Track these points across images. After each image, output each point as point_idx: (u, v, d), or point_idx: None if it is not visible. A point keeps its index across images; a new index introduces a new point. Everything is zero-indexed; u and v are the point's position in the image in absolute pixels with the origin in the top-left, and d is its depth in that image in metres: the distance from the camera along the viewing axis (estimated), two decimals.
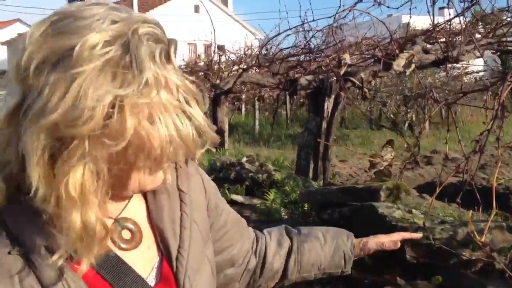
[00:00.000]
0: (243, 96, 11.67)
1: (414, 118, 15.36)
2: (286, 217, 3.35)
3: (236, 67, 7.70)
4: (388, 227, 2.37)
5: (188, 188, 1.02)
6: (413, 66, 3.41)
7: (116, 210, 0.91)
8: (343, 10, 4.38)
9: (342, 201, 2.74)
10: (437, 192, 2.32)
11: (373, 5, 4.27)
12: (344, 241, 1.29)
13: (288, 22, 5.00)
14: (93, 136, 0.70)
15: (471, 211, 2.14)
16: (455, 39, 4.25)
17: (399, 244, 1.29)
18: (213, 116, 5.38)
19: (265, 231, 1.24)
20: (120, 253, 0.91)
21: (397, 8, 4.29)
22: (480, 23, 4.66)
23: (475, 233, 2.09)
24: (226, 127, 6.27)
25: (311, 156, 4.44)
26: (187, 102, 0.78)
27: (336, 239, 1.28)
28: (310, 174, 4.42)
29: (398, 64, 3.38)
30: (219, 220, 1.10)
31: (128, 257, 0.92)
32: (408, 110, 15.02)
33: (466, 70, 13.65)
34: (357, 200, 2.67)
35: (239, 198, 3.69)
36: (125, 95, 0.68)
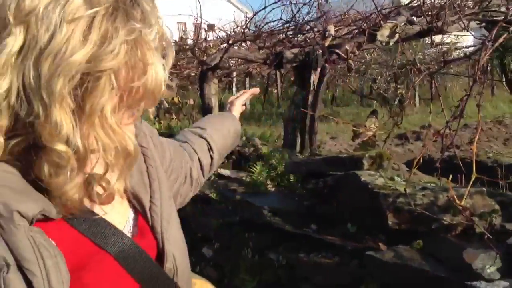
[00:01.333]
0: (234, 75, 11.61)
1: (404, 94, 15.44)
2: (273, 189, 3.37)
3: (224, 44, 7.66)
4: (371, 194, 2.40)
5: (148, 144, 1.08)
6: (397, 36, 3.40)
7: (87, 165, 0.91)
8: None
9: (326, 171, 2.76)
10: (417, 161, 2.35)
11: None
12: (232, 118, 1.59)
13: None
14: (117, 71, 0.74)
15: (451, 176, 2.16)
16: (441, 12, 4.25)
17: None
18: (200, 93, 5.35)
19: (183, 139, 1.42)
20: (94, 209, 0.93)
21: None
22: None
23: (455, 197, 2.12)
24: (216, 104, 6.26)
25: (298, 129, 4.45)
26: (165, 54, 0.82)
27: (224, 118, 1.58)
28: (298, 148, 4.43)
29: (382, 34, 3.38)
30: (166, 160, 1.19)
31: (102, 212, 0.93)
32: (398, 86, 15.10)
33: (456, 46, 13.71)
34: (341, 169, 2.69)
35: (226, 172, 3.70)
36: (144, 33, 0.73)
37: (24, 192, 0.81)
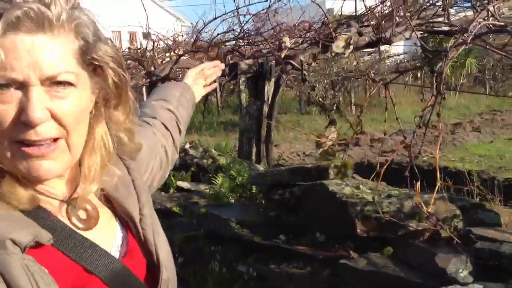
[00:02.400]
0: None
1: (341, 101, 15.90)
2: (233, 201, 3.37)
3: (169, 54, 7.61)
4: (339, 203, 2.45)
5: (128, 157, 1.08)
6: (351, 47, 3.50)
7: (67, 191, 0.93)
8: None
9: (292, 181, 2.80)
10: (382, 171, 2.42)
11: None
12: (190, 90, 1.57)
13: (215, 10, 5.01)
14: None
15: (418, 184, 2.24)
16: (383, 22, 4.41)
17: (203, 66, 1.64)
18: None
19: (152, 114, 1.41)
20: (82, 233, 0.91)
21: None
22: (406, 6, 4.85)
23: (422, 204, 2.21)
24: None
25: (253, 140, 4.48)
26: None
27: (183, 89, 1.55)
28: (253, 158, 4.46)
29: (338, 45, 3.47)
30: (143, 162, 1.20)
31: (89, 235, 0.93)
32: (336, 94, 15.52)
33: (388, 54, 14.26)
34: (306, 179, 2.73)
35: (185, 184, 3.68)
36: None
37: (15, 219, 0.80)
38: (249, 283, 2.66)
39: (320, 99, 15.14)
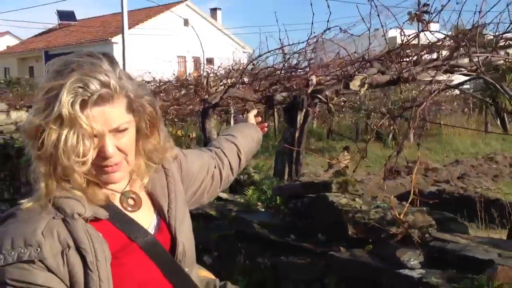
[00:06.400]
0: (232, 109, 12.41)
1: (397, 130, 16.04)
2: (263, 209, 4.07)
3: (224, 81, 8.42)
4: (336, 211, 3.12)
5: (170, 166, 1.51)
6: (366, 86, 4.16)
7: (122, 186, 1.37)
8: (314, 37, 5.22)
9: (303, 193, 3.48)
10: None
11: (340, 32, 5.09)
12: (254, 128, 2.03)
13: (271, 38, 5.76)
14: None
15: (392, 197, 2.88)
16: (407, 60, 5.02)
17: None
18: (202, 127, 6.10)
19: (217, 145, 1.84)
20: (129, 214, 1.34)
21: (359, 36, 5.11)
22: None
23: (397, 214, 2.85)
24: (216, 135, 6.96)
25: (286, 161, 5.18)
26: None
27: (249, 128, 2.01)
28: (286, 176, 5.16)
29: (354, 84, 4.14)
30: (191, 170, 1.64)
31: (134, 216, 1.35)
32: (391, 122, 15.69)
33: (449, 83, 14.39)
34: (315, 192, 3.40)
35: (224, 195, 4.42)
36: None
37: (83, 203, 1.24)
38: (264, 272, 3.36)
39: (375, 127, 15.48)
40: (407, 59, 5.03)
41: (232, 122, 19.53)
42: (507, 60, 4.82)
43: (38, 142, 1.18)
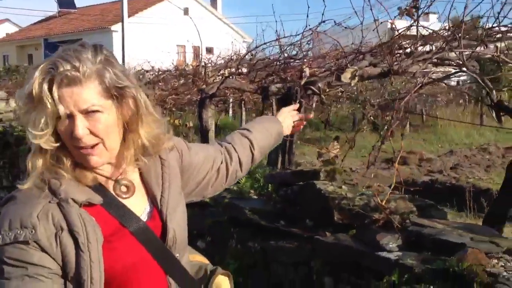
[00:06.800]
0: (231, 99, 12.55)
1: (392, 121, 16.08)
2: (255, 196, 4.24)
3: (221, 72, 8.56)
4: (322, 198, 3.29)
5: (167, 157, 1.54)
6: (356, 78, 4.31)
7: (115, 172, 1.43)
8: (310, 29, 5.38)
9: (293, 181, 3.65)
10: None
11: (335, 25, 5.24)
12: (276, 122, 1.96)
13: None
14: None
15: (376, 184, 3.05)
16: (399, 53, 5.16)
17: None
18: (199, 117, 6.26)
19: (229, 140, 1.82)
20: (122, 201, 1.40)
21: (353, 28, 5.26)
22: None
23: (379, 200, 3.02)
24: (213, 127, 7.12)
25: (280, 150, 5.34)
26: None
27: (272, 123, 1.95)
28: (279, 165, 5.32)
29: (345, 76, 4.29)
30: (197, 166, 1.66)
31: (127, 202, 1.40)
32: (387, 113, 15.78)
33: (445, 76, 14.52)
34: (304, 180, 3.57)
35: None
36: None
37: (79, 188, 1.33)
38: (254, 255, 3.53)
39: (372, 118, 15.60)
40: (399, 52, 5.19)
41: (230, 112, 19.66)
42: (495, 54, 4.96)
43: None
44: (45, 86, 1.24)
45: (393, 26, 4.73)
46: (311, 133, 17.04)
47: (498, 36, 4.96)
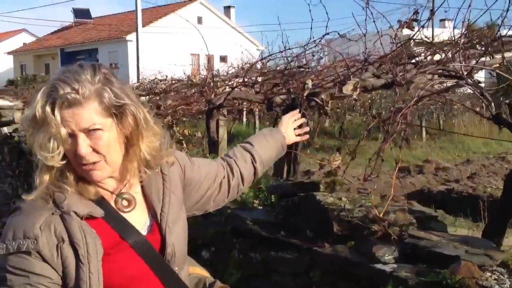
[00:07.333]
0: (244, 108, 12.63)
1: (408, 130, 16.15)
2: (260, 207, 4.29)
3: (231, 82, 8.65)
4: (322, 209, 3.32)
5: (168, 172, 1.59)
6: (358, 90, 4.35)
7: (118, 186, 1.49)
8: (313, 41, 5.43)
9: (294, 192, 3.69)
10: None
11: (338, 37, 5.29)
12: (278, 134, 1.98)
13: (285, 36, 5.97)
14: None
15: (372, 195, 3.08)
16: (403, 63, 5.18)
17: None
18: (207, 127, 6.34)
19: (231, 155, 1.87)
20: (123, 214, 1.45)
21: (356, 41, 5.30)
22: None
23: (377, 212, 3.05)
24: (224, 134, 7.17)
25: (285, 161, 5.38)
26: None
27: (273, 135, 1.97)
28: (285, 175, 5.37)
29: (347, 88, 4.33)
30: (199, 182, 1.71)
31: (128, 216, 1.46)
32: (402, 122, 15.71)
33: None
34: (304, 191, 3.61)
35: None
36: None
37: (82, 201, 1.39)
38: (256, 266, 3.58)
39: (385, 126, 15.47)
40: (405, 62, 5.21)
41: (244, 120, 19.72)
42: (501, 64, 4.95)
43: None
44: (48, 109, 1.31)
45: (394, 38, 4.77)
46: (326, 141, 17.04)
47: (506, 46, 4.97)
